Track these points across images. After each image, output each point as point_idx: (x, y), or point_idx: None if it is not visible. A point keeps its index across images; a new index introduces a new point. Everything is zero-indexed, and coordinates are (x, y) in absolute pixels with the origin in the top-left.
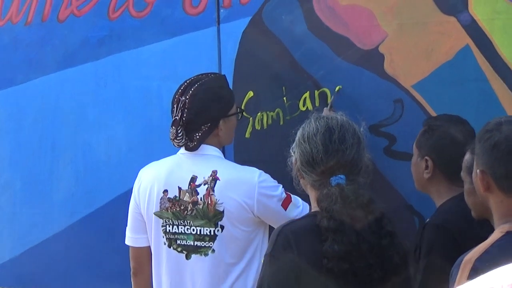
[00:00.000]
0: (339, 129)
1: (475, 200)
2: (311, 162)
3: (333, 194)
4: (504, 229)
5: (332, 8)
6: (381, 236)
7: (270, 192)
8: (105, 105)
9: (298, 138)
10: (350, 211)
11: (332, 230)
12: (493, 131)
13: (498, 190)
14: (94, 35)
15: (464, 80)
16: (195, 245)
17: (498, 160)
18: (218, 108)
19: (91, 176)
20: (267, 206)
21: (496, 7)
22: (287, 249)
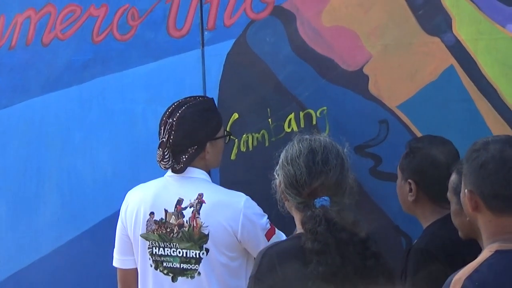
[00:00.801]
0: (322, 150)
1: (462, 220)
2: (295, 185)
3: (317, 216)
4: (493, 248)
5: (316, 29)
6: (366, 257)
7: (255, 219)
8: (90, 128)
9: (282, 161)
10: (334, 233)
11: (316, 252)
12: (480, 150)
13: (486, 209)
14: (78, 59)
15: (449, 100)
16: (181, 268)
17: (486, 179)
18: (205, 131)
19: (77, 200)
20: (250, 232)
21: (480, 27)
22: (271, 271)
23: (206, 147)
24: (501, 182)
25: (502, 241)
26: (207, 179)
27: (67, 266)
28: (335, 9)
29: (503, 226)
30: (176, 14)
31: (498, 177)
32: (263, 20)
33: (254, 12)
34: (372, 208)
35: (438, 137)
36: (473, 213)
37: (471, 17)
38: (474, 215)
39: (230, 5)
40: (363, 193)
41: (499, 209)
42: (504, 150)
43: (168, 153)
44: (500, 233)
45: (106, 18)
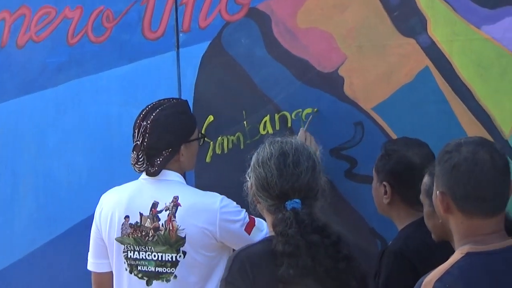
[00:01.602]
0: (294, 153)
1: (435, 222)
2: (266, 187)
3: (287, 219)
4: (464, 250)
5: (291, 31)
6: (338, 260)
7: (233, 217)
8: (65, 131)
9: (253, 163)
10: (305, 236)
11: (287, 255)
12: (452, 152)
13: (458, 211)
14: (53, 61)
15: (424, 102)
16: (157, 271)
17: (458, 181)
18: (179, 134)
19: (52, 203)
20: (230, 231)
21: (455, 28)
22: (242, 275)
23: (181, 149)
24: (473, 184)
25: (473, 243)
26: (182, 181)
27: (42, 269)
28: (310, 11)
29: (474, 228)
30: (151, 16)
31: (470, 179)
32: (238, 22)
33: (229, 14)
34: (347, 211)
35: (414, 140)
36: (445, 215)
37: (446, 19)
38: (446, 217)
39: (205, 7)
40: (338, 195)
41: (470, 211)
42: (476, 152)
43: (143, 156)
44: (471, 235)
45: (81, 20)
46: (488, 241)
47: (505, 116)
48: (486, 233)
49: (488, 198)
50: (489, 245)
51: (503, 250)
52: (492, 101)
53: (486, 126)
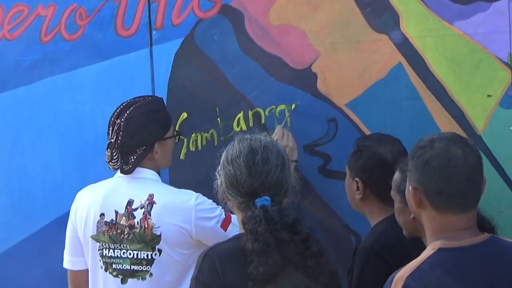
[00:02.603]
0: (262, 150)
1: (406, 218)
2: (235, 184)
3: (257, 216)
4: (436, 246)
5: (264, 28)
6: (307, 257)
7: (208, 214)
8: (39, 129)
9: (222, 161)
10: (274, 233)
11: (256, 252)
12: (425, 147)
13: (431, 207)
14: (27, 59)
15: (397, 98)
16: (132, 269)
17: (430, 176)
18: (153, 132)
19: (26, 201)
20: (206, 228)
21: (427, 25)
22: (212, 273)
23: (155, 147)
24: (445, 179)
25: (445, 239)
26: (157, 179)
27: (17, 268)
28: (283, 7)
29: (446, 223)
30: (124, 14)
31: (442, 175)
32: (211, 19)
33: (202, 11)
34: (321, 207)
35: (386, 135)
36: (418, 210)
37: (419, 15)
38: (418, 212)
39: (178, 4)
40: (312, 191)
41: (442, 207)
42: (449, 148)
43: (117, 154)
44: (443, 231)
45: (54, 18)
46: (460, 236)
47: (478, 111)
48: (458, 229)
49: (461, 194)
50: (461, 241)
51: (475, 245)
52: (465, 96)
53: (459, 122)
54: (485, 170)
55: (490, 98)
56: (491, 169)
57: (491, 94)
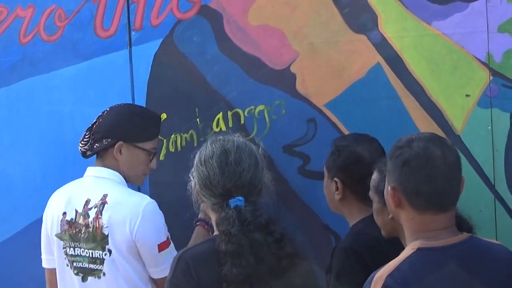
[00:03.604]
0: (235, 150)
1: (384, 218)
2: (209, 185)
3: (230, 217)
4: (415, 245)
5: (242, 28)
6: (281, 258)
7: (154, 223)
8: (18, 130)
9: (196, 162)
10: (248, 234)
11: (230, 254)
12: (404, 147)
13: (409, 206)
14: (6, 60)
15: (376, 98)
16: (90, 268)
17: (409, 176)
18: (125, 129)
19: (6, 202)
20: (145, 236)
21: (406, 24)
22: (186, 275)
23: (120, 146)
24: (424, 179)
25: (424, 239)
26: (119, 181)
27: None
28: (261, 8)
29: (425, 223)
30: (103, 15)
31: (421, 174)
32: (190, 19)
33: (180, 11)
34: (301, 207)
35: (364, 135)
36: (396, 210)
37: (397, 15)
38: (397, 212)
39: (157, 5)
40: (292, 192)
41: (421, 207)
42: (427, 148)
43: (89, 137)
44: (422, 231)
45: (33, 19)
46: (439, 236)
47: (456, 111)
48: (437, 228)
49: (439, 194)
50: (440, 241)
51: (453, 245)
52: (443, 96)
53: (438, 122)
54: (463, 170)
55: (469, 98)
56: (469, 169)
57: (470, 94)
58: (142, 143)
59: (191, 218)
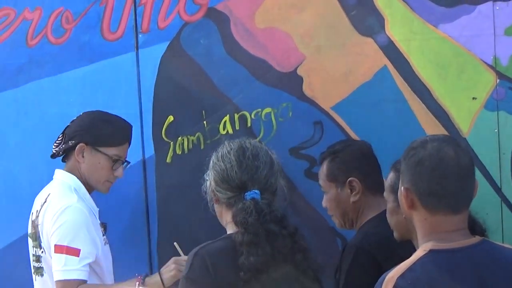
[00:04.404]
0: (252, 147)
1: (398, 219)
2: (226, 178)
3: (247, 208)
4: (427, 247)
5: (249, 31)
6: (295, 251)
7: (62, 224)
8: (26, 132)
9: (212, 161)
10: (264, 224)
11: (247, 243)
12: (417, 148)
13: (422, 207)
14: (13, 62)
15: (383, 100)
16: (36, 266)
17: (422, 177)
18: (88, 131)
19: (13, 204)
20: (51, 232)
21: (413, 27)
22: (203, 270)
23: (82, 148)
24: (437, 180)
25: (436, 240)
26: (70, 183)
27: (2, 271)
28: (268, 11)
29: (437, 225)
30: (110, 17)
31: (434, 175)
32: (197, 22)
33: (187, 14)
34: (307, 210)
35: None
36: (409, 211)
37: (404, 18)
38: (410, 213)
39: (164, 8)
40: (298, 194)
41: (434, 208)
42: (441, 149)
43: (62, 138)
44: (434, 232)
45: (40, 21)
46: (452, 238)
47: (463, 114)
48: (449, 230)
49: (452, 195)
50: (452, 243)
51: (466, 247)
52: (450, 99)
53: (444, 125)
54: None
55: (475, 100)
56: (476, 171)
57: (476, 96)
58: (105, 148)
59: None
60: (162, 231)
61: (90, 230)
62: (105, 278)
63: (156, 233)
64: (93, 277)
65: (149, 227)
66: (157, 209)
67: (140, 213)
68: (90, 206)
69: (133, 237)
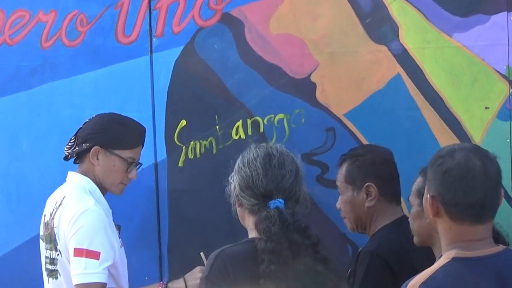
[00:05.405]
0: (279, 155)
1: (422, 223)
2: (251, 185)
3: (272, 217)
4: (450, 255)
5: (263, 37)
6: (317, 261)
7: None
8: (39, 134)
9: (238, 165)
10: (287, 234)
11: (269, 251)
12: (445, 157)
13: (447, 216)
14: (27, 64)
15: (396, 108)
16: (50, 269)
17: (449, 186)
18: (102, 134)
19: (25, 206)
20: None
21: (427, 36)
22: (223, 273)
23: (96, 150)
24: (464, 190)
25: (459, 249)
26: (84, 185)
27: (13, 273)
28: (283, 17)
29: (462, 233)
30: (125, 21)
31: (461, 185)
32: (212, 27)
33: (202, 19)
34: (318, 216)
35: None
36: (434, 219)
37: (418, 26)
38: (434, 221)
39: (179, 12)
40: (309, 200)
41: (459, 217)
42: (469, 159)
43: (75, 141)
44: (458, 241)
45: (55, 24)
46: (475, 247)
47: (475, 123)
48: (474, 239)
49: (478, 205)
50: (476, 251)
51: (489, 256)
52: (462, 108)
53: (457, 133)
54: None
55: (488, 110)
56: None
57: (489, 106)
58: (120, 150)
59: (208, 224)
60: (173, 234)
61: (108, 233)
62: (120, 281)
63: (167, 236)
64: (109, 280)
65: (160, 230)
66: (168, 212)
67: (151, 216)
68: (105, 208)
69: (144, 239)
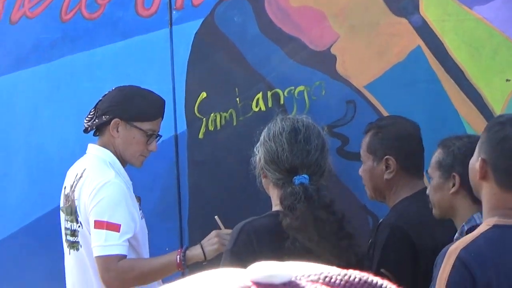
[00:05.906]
0: (305, 130)
1: (443, 195)
2: (276, 160)
3: (297, 193)
4: (490, 222)
5: (283, 9)
6: (341, 238)
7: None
8: (58, 107)
9: (263, 137)
10: (312, 211)
11: (294, 228)
12: (505, 124)
13: (494, 182)
14: (47, 37)
15: (416, 80)
16: (71, 241)
17: (503, 153)
18: (123, 107)
19: (44, 178)
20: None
21: (447, 9)
22: (247, 246)
23: (116, 123)
24: None
25: (500, 216)
26: (105, 158)
27: (35, 243)
28: None
29: (505, 201)
30: None
31: None
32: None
33: None
34: (339, 188)
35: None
36: (479, 182)
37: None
38: (479, 184)
39: None
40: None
41: (506, 185)
42: None
43: (94, 113)
44: (501, 207)
45: None
46: None
47: (496, 95)
48: None
49: None
50: None
51: None
52: (483, 80)
53: (477, 105)
54: None
55: (509, 82)
56: None
57: (510, 78)
58: (140, 123)
59: (228, 196)
60: (193, 206)
61: (128, 205)
62: (141, 251)
63: (187, 208)
64: (130, 251)
65: (180, 202)
66: (188, 184)
67: (171, 188)
68: (126, 180)
69: (165, 211)
